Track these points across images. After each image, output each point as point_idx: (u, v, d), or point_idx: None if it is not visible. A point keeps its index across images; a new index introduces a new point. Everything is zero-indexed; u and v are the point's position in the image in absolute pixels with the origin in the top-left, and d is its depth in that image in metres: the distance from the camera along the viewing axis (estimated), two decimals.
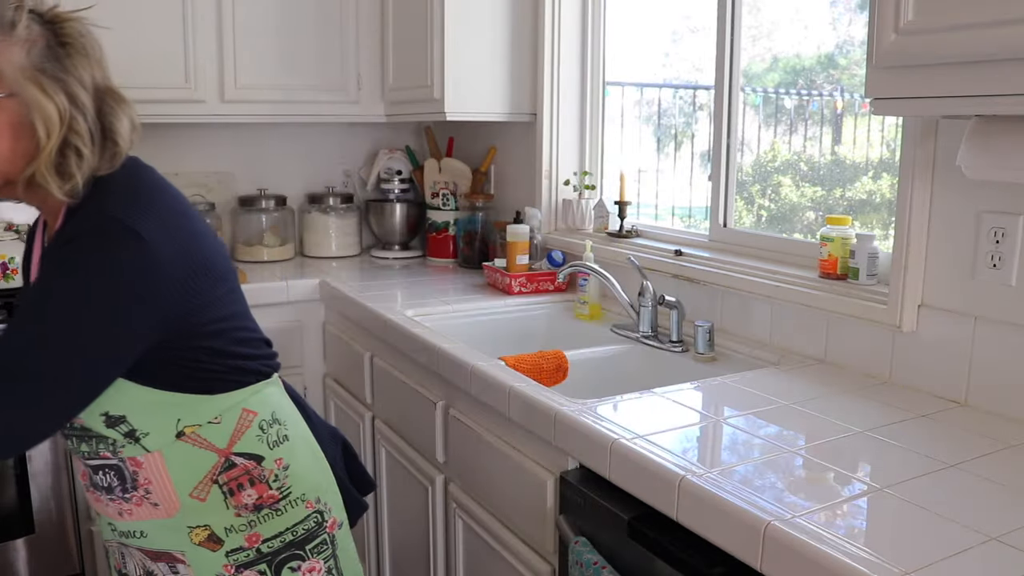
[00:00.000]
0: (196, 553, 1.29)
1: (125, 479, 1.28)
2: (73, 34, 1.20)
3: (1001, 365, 1.45)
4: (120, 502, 1.30)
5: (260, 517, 1.30)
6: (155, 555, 1.31)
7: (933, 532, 1.03)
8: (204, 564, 1.30)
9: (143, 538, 1.31)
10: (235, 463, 1.28)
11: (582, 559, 1.32)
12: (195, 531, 1.29)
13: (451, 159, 3.09)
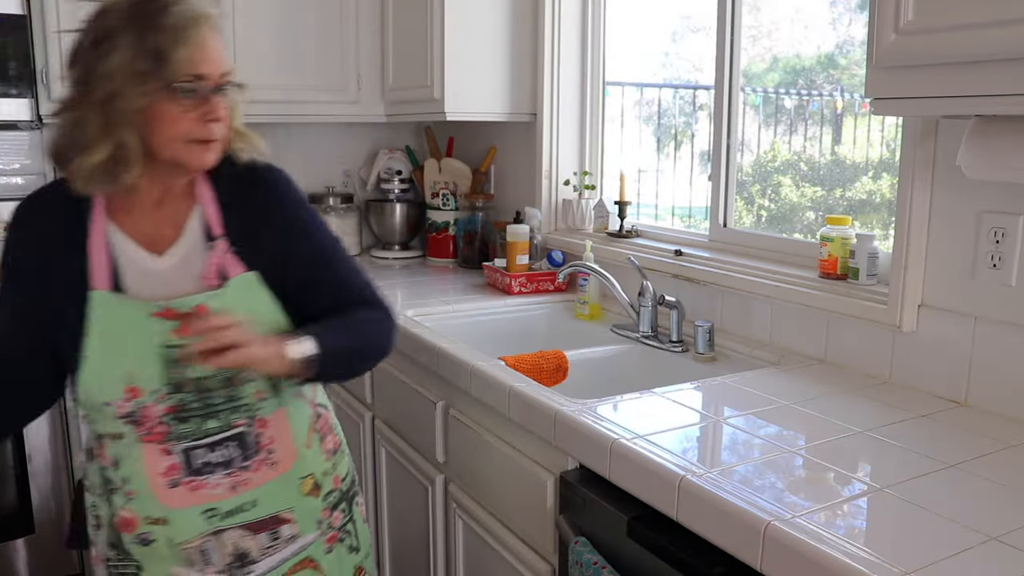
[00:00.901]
0: (303, 505, 1.35)
1: (247, 445, 1.28)
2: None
3: (1001, 365, 1.45)
4: (237, 473, 1.28)
5: (336, 460, 1.43)
6: (258, 525, 1.30)
7: (933, 532, 1.03)
8: (308, 514, 1.35)
9: (252, 509, 1.30)
10: (319, 412, 1.42)
11: (582, 559, 1.32)
12: (304, 481, 1.35)
13: (451, 159, 3.09)
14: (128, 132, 1.14)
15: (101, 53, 1.12)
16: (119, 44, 1.11)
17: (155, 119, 1.14)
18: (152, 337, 1.19)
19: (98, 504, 1.31)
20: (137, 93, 1.12)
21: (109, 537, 1.29)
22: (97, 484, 1.30)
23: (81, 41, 1.16)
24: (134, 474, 1.24)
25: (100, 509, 1.30)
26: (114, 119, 1.12)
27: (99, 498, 1.30)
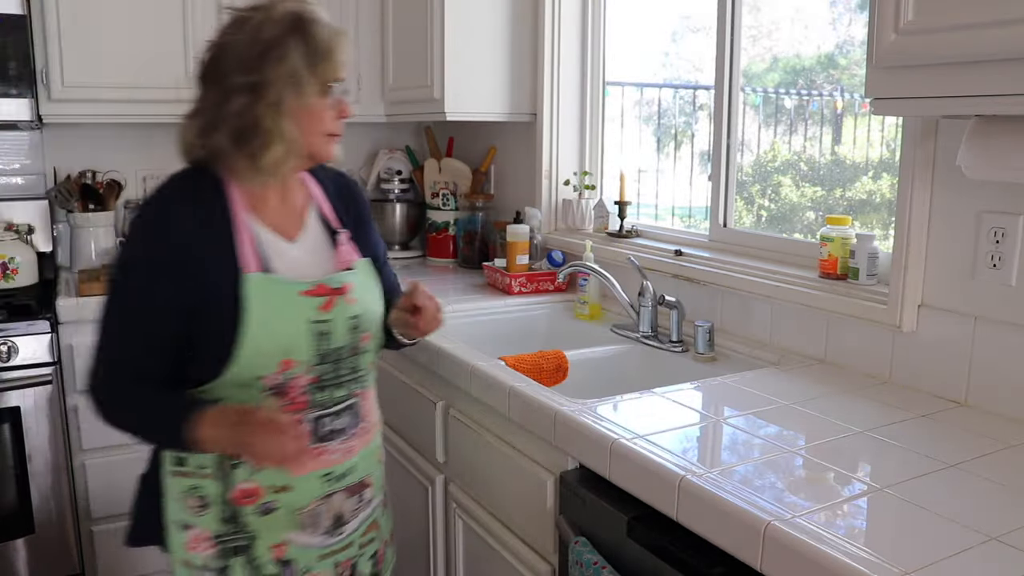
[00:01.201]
0: (376, 471, 1.50)
1: (357, 414, 1.42)
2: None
3: (1001, 365, 1.45)
4: (348, 440, 1.40)
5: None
6: (352, 489, 1.42)
7: (933, 532, 1.03)
8: (378, 480, 1.51)
9: (351, 475, 1.41)
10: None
11: (582, 559, 1.32)
12: (378, 449, 1.51)
13: (451, 159, 3.09)
14: (294, 128, 1.28)
15: (272, 59, 1.25)
16: (289, 51, 1.26)
17: (309, 116, 1.30)
18: (303, 313, 1.31)
19: (203, 485, 1.33)
20: (306, 93, 1.28)
21: (221, 513, 1.33)
22: (208, 464, 1.32)
23: (243, 51, 1.27)
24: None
25: (207, 489, 1.33)
26: (286, 117, 1.27)
27: (205, 479, 1.33)
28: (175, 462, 1.35)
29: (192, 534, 1.35)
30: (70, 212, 2.75)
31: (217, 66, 1.30)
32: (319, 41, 1.28)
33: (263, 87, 1.25)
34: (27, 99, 2.43)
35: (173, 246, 1.26)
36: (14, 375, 2.25)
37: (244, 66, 1.26)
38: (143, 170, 2.96)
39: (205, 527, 1.35)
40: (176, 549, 1.37)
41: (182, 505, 1.35)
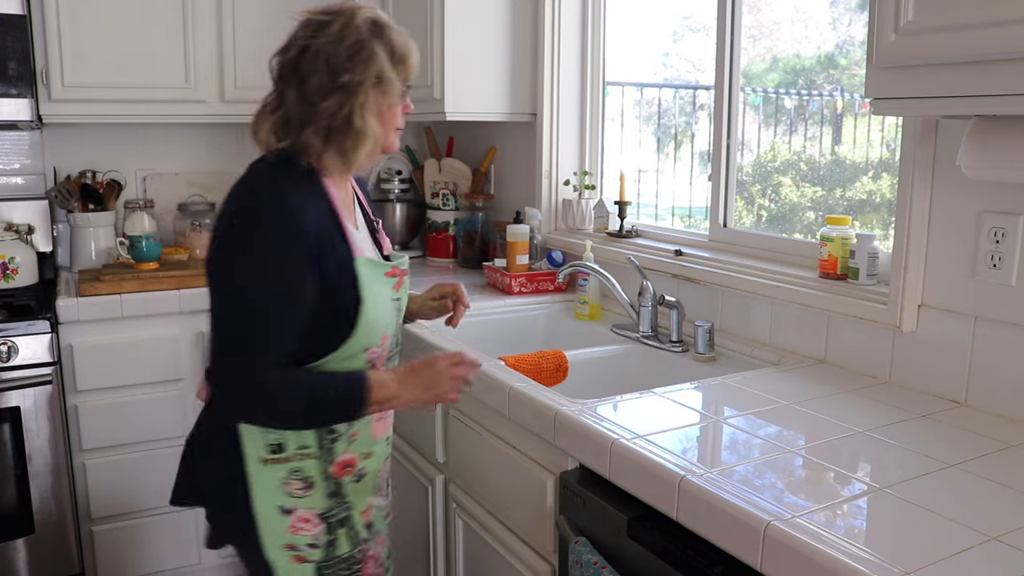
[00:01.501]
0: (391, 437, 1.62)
1: None
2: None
3: (1001, 365, 1.45)
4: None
5: None
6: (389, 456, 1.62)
7: (933, 532, 1.03)
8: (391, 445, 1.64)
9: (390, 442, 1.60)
10: None
11: (582, 559, 1.32)
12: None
13: (451, 159, 3.09)
14: (377, 125, 1.37)
15: (360, 61, 1.33)
16: (375, 53, 1.34)
17: (389, 112, 1.39)
18: (389, 292, 1.45)
19: (305, 466, 1.40)
20: (390, 92, 1.37)
21: (327, 489, 1.42)
22: (311, 443, 1.40)
23: (332, 54, 1.33)
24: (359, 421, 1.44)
25: (309, 469, 1.41)
26: (372, 114, 1.35)
27: (307, 459, 1.40)
28: (270, 451, 1.39)
29: (296, 516, 1.41)
30: (70, 212, 2.75)
31: (299, 66, 1.35)
32: (397, 45, 1.38)
33: (354, 87, 1.33)
34: (27, 99, 2.42)
35: (307, 232, 1.30)
36: (14, 375, 2.25)
37: (333, 68, 1.32)
38: (143, 170, 2.96)
39: (310, 506, 1.41)
40: (277, 535, 1.40)
41: (281, 491, 1.40)
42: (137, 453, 2.48)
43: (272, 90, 1.41)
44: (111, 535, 2.48)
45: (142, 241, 2.54)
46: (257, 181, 1.35)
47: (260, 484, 1.39)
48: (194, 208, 2.95)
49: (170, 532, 2.56)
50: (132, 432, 2.46)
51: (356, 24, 1.34)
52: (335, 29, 1.33)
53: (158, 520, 2.54)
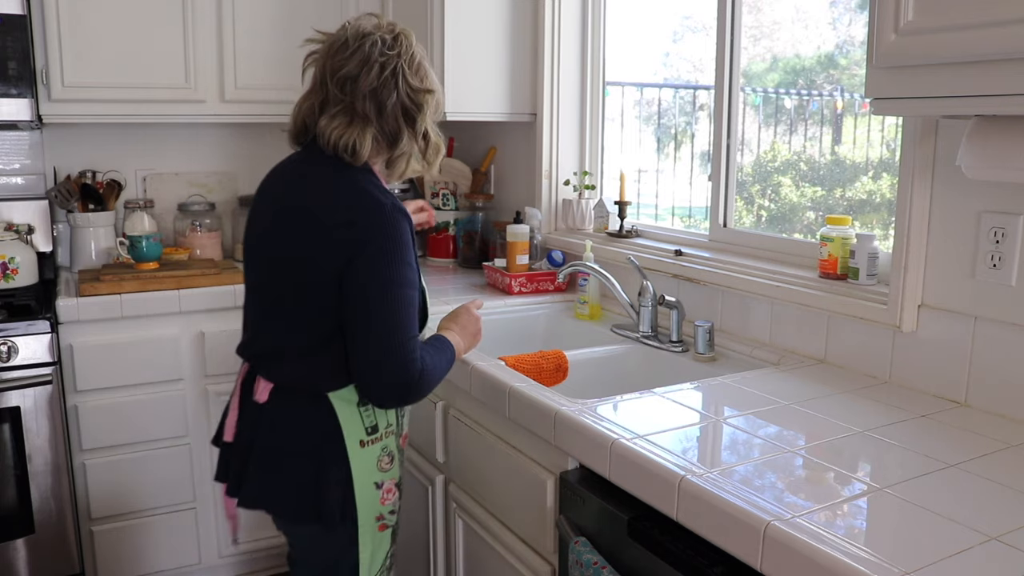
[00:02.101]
0: None
1: None
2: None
3: (1001, 365, 1.45)
4: None
5: None
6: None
7: (933, 532, 1.03)
8: None
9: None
10: None
11: (582, 559, 1.32)
12: None
13: (451, 159, 3.09)
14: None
15: (422, 76, 1.51)
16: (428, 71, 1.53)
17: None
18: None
19: (389, 442, 1.57)
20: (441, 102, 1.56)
21: (400, 460, 1.61)
22: (392, 421, 1.58)
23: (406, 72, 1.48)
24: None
25: (391, 445, 1.58)
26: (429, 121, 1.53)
27: (390, 436, 1.58)
28: (367, 432, 1.53)
29: (384, 488, 1.57)
30: (70, 212, 2.75)
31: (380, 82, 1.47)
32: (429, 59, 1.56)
33: (427, 102, 1.51)
34: (27, 99, 2.42)
35: (413, 239, 1.50)
36: (14, 375, 2.25)
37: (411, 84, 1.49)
38: (143, 170, 2.96)
39: (392, 477, 1.58)
40: (372, 508, 1.55)
41: (375, 468, 1.54)
42: (137, 453, 2.48)
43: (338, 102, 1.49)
44: (111, 535, 2.48)
45: (142, 241, 2.54)
46: (365, 185, 1.48)
47: (360, 465, 1.52)
48: (194, 208, 2.95)
49: (170, 532, 2.56)
50: (132, 432, 2.46)
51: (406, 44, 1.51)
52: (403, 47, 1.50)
53: (158, 520, 2.54)
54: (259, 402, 1.53)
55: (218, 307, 2.52)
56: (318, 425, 1.49)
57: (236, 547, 2.67)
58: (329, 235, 1.42)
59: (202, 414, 2.55)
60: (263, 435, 1.53)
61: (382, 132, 1.49)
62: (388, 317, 1.42)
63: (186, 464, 2.55)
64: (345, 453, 1.50)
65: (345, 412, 1.50)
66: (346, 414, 1.50)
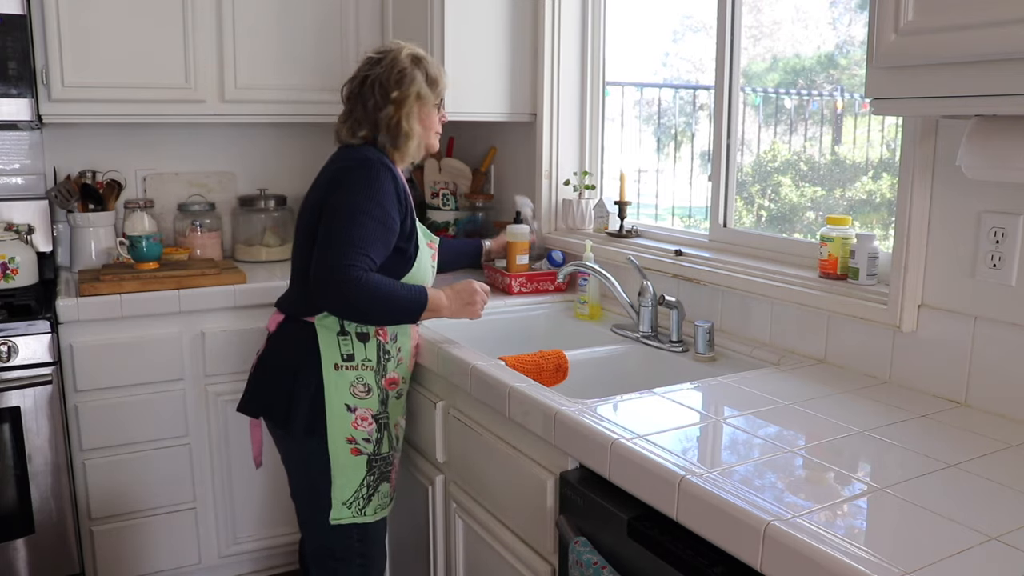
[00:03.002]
0: None
1: None
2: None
3: (1001, 365, 1.45)
4: None
5: None
6: None
7: (933, 532, 1.03)
8: None
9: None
10: None
11: (582, 559, 1.32)
12: None
13: (451, 159, 3.09)
14: (420, 128, 1.92)
15: (406, 83, 1.88)
16: (416, 78, 1.90)
17: (429, 120, 1.95)
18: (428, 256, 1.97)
19: (366, 375, 1.87)
20: (428, 104, 1.93)
21: (380, 396, 1.89)
22: (372, 358, 1.87)
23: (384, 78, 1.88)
24: (404, 344, 1.93)
25: (368, 379, 1.87)
26: (415, 121, 1.91)
27: (367, 371, 1.87)
28: (344, 359, 1.84)
29: (358, 414, 1.86)
30: (70, 212, 2.75)
31: (362, 92, 1.90)
32: (432, 71, 1.93)
33: (400, 101, 1.87)
34: (27, 99, 2.42)
35: (401, 189, 1.86)
36: (14, 375, 2.25)
37: (387, 88, 1.87)
38: (143, 170, 2.96)
39: (368, 407, 1.87)
40: (342, 428, 1.84)
41: (348, 392, 1.85)
42: (137, 453, 2.48)
43: (345, 107, 1.94)
44: (111, 535, 2.48)
45: (142, 241, 2.54)
46: (362, 150, 1.88)
47: (333, 385, 1.83)
48: (194, 208, 2.95)
49: (170, 532, 2.56)
50: (132, 432, 2.46)
51: (400, 58, 1.89)
52: (387, 62, 1.89)
53: (158, 520, 2.54)
54: (268, 330, 1.96)
55: (218, 307, 2.52)
56: (301, 344, 1.85)
57: (237, 546, 2.67)
58: (325, 180, 1.87)
59: (202, 414, 2.55)
60: (262, 353, 1.95)
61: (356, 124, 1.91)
62: (335, 233, 1.74)
63: (186, 464, 2.55)
64: (320, 371, 1.83)
65: (325, 337, 1.84)
66: (325, 338, 1.84)
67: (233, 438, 2.59)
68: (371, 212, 1.76)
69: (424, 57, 1.93)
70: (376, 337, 1.87)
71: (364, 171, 1.81)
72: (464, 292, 1.92)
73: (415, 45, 1.96)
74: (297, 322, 1.88)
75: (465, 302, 1.91)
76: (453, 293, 1.91)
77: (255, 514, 2.68)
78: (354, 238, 1.73)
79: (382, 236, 1.78)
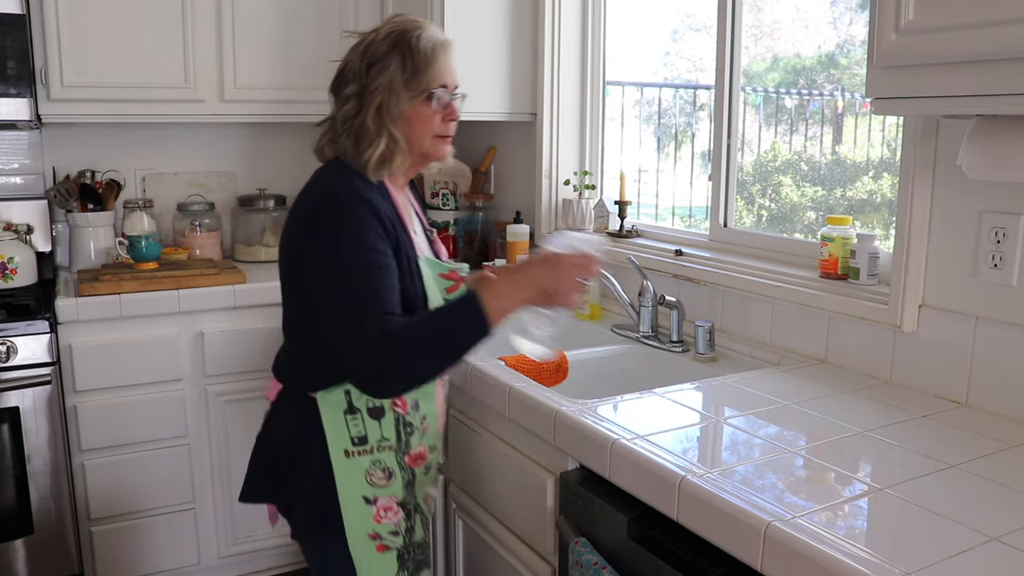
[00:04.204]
0: None
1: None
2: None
3: (1002, 365, 1.45)
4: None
5: None
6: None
7: (933, 532, 1.03)
8: None
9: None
10: None
11: (582, 559, 1.31)
12: None
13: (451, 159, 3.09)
14: (396, 130, 1.47)
15: (374, 72, 1.45)
16: (388, 64, 1.45)
17: (414, 119, 1.49)
18: (440, 290, 1.52)
19: (384, 457, 1.49)
20: (404, 99, 1.46)
21: (405, 479, 1.52)
22: (390, 436, 1.49)
23: (355, 67, 1.48)
24: (429, 410, 1.54)
25: (388, 460, 1.49)
26: (387, 120, 1.46)
27: (385, 451, 1.49)
28: (355, 442, 1.47)
29: (379, 505, 1.50)
30: (69, 212, 2.74)
31: (340, 81, 1.51)
32: (418, 54, 1.47)
33: (366, 95, 1.45)
34: (26, 99, 2.42)
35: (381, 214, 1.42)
36: (13, 375, 2.25)
37: (353, 79, 1.47)
38: (142, 170, 2.96)
39: (391, 494, 1.50)
40: (362, 523, 1.48)
41: (364, 481, 1.48)
42: (137, 453, 2.48)
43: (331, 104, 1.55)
44: (110, 535, 2.48)
45: (141, 241, 2.54)
46: (329, 177, 1.49)
47: (345, 475, 1.47)
48: (193, 208, 2.95)
49: (169, 532, 2.56)
50: (132, 432, 2.46)
51: (379, 39, 1.47)
52: (363, 45, 1.48)
53: (157, 520, 2.54)
54: (267, 400, 1.61)
55: (217, 307, 2.52)
56: (304, 428, 1.48)
57: (236, 546, 2.67)
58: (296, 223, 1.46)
59: (201, 414, 2.55)
60: (263, 432, 1.59)
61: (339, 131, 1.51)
62: (334, 297, 1.36)
63: (185, 464, 2.54)
64: (328, 461, 1.47)
65: (330, 417, 1.47)
66: (331, 419, 1.47)
67: (232, 438, 2.59)
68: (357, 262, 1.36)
69: (415, 35, 1.48)
70: (393, 410, 1.49)
71: (332, 209, 1.40)
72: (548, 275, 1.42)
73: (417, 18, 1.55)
74: (297, 395, 1.51)
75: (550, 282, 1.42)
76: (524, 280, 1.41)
77: (255, 514, 2.67)
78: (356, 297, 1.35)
79: (384, 279, 1.38)
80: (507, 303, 1.38)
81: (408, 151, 1.51)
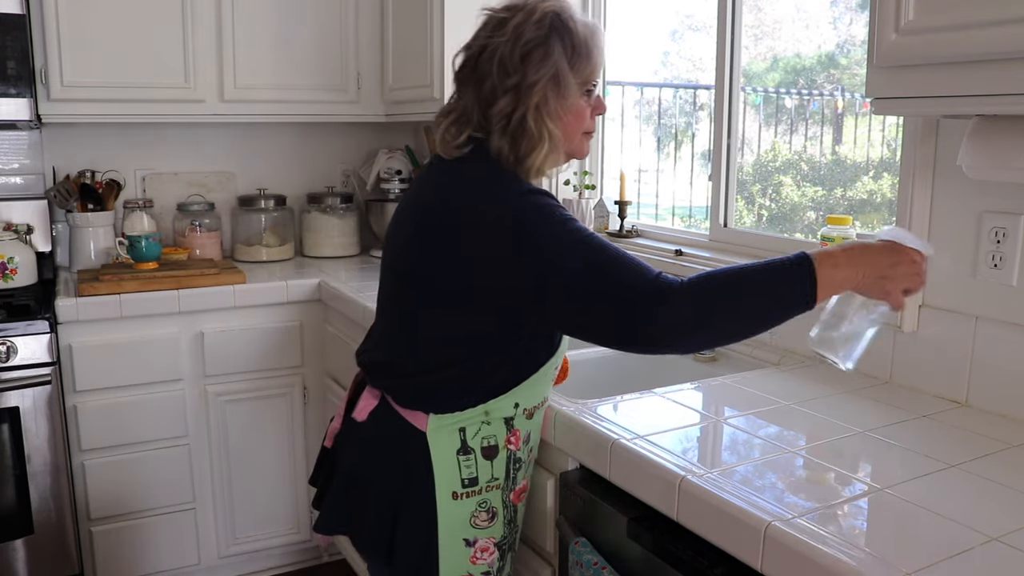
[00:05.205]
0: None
1: None
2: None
3: (1002, 365, 1.44)
4: None
5: None
6: None
7: (933, 532, 1.03)
8: None
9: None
10: None
11: (582, 559, 1.31)
12: None
13: None
14: (557, 128, 1.28)
15: (535, 61, 1.24)
16: (552, 52, 1.24)
17: (572, 115, 1.31)
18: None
19: (491, 497, 1.37)
20: (569, 93, 1.27)
21: (506, 517, 1.40)
22: (500, 475, 1.37)
23: (504, 54, 1.25)
24: (534, 435, 1.41)
25: (494, 500, 1.37)
26: (547, 118, 1.26)
27: (493, 490, 1.37)
28: (465, 484, 1.34)
29: (478, 547, 1.38)
30: (69, 212, 2.74)
31: (476, 68, 1.29)
32: (579, 41, 1.27)
33: (527, 89, 1.24)
34: (26, 99, 2.42)
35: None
36: (13, 375, 2.25)
37: (505, 68, 1.25)
38: (142, 170, 2.96)
39: (490, 535, 1.39)
40: (456, 565, 1.37)
41: (468, 524, 1.36)
42: (136, 453, 2.48)
43: (453, 94, 1.35)
44: (110, 535, 2.48)
45: (141, 241, 2.54)
46: (495, 180, 1.29)
47: (450, 518, 1.34)
48: (193, 208, 2.95)
49: (169, 532, 2.55)
50: (132, 432, 2.46)
51: (533, 20, 1.25)
52: (512, 26, 1.26)
53: (157, 520, 2.54)
54: (356, 420, 1.40)
55: (217, 307, 2.52)
56: (409, 465, 1.33)
57: (236, 546, 2.67)
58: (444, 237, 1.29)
59: (201, 414, 2.55)
60: (351, 458, 1.41)
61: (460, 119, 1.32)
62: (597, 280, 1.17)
63: (185, 464, 2.54)
64: (434, 502, 1.33)
65: (441, 456, 1.32)
66: (442, 459, 1.32)
67: (232, 438, 2.59)
68: (599, 242, 1.20)
69: (571, 17, 1.27)
70: (507, 448, 1.36)
71: (534, 210, 1.23)
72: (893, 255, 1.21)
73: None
74: (399, 423, 1.34)
75: (893, 263, 1.20)
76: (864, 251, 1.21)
77: (255, 514, 2.68)
78: (626, 265, 1.18)
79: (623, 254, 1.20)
80: (840, 275, 1.18)
81: (561, 150, 1.34)
